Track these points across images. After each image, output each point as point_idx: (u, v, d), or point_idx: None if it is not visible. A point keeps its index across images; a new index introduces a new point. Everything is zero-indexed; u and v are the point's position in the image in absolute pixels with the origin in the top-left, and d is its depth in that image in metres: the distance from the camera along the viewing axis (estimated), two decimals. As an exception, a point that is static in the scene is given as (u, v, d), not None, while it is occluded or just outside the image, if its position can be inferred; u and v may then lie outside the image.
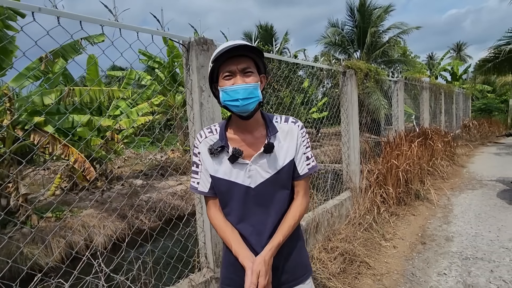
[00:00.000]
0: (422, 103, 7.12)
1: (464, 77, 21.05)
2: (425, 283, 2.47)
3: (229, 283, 1.12)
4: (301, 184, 1.11)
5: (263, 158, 1.03)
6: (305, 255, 1.17)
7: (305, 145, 1.11)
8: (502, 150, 9.20)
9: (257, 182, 1.04)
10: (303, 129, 1.11)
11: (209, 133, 1.08)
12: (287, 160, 1.06)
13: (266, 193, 1.05)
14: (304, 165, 1.10)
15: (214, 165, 1.05)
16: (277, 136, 1.06)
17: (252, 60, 1.00)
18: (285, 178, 1.06)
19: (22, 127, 4.41)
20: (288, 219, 1.06)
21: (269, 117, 1.10)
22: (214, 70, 0.99)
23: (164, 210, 5.28)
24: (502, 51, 7.96)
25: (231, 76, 0.97)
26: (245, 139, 1.05)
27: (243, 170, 1.03)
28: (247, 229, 1.05)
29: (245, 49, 0.94)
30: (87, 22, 1.48)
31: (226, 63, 0.97)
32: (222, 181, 1.04)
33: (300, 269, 1.13)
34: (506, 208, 4.07)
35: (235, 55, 0.96)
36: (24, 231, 4.43)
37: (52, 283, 1.49)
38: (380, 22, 14.58)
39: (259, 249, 1.04)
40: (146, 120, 6.61)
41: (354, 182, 3.79)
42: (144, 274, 1.85)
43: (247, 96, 0.96)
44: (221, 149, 1.03)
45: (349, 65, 3.80)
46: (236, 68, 0.96)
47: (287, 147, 1.07)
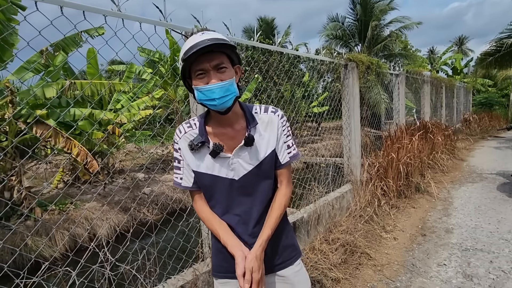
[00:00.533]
0: (423, 97, 7.11)
1: (466, 71, 20.96)
2: (425, 274, 2.50)
3: (220, 270, 1.14)
4: (283, 173, 1.12)
5: (244, 151, 1.03)
6: (292, 237, 1.20)
7: (286, 134, 1.11)
8: (503, 144, 9.21)
9: (240, 174, 1.04)
10: (283, 118, 1.10)
11: (188, 128, 1.06)
12: (269, 151, 1.06)
13: (250, 184, 1.05)
14: (285, 154, 1.11)
15: (196, 160, 1.04)
16: (257, 127, 1.05)
17: (224, 53, 0.95)
18: (267, 168, 1.07)
19: (24, 120, 4.41)
20: (274, 211, 1.07)
21: (249, 108, 1.08)
22: (185, 68, 0.96)
23: (167, 202, 5.32)
24: (504, 44, 7.91)
25: (204, 74, 0.93)
26: (225, 133, 1.04)
27: (226, 163, 1.03)
28: (233, 219, 1.07)
29: (214, 46, 0.89)
30: (90, 12, 1.48)
31: (197, 61, 0.92)
32: (205, 175, 1.04)
33: (288, 252, 1.15)
34: (505, 201, 4.10)
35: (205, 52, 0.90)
36: (28, 223, 4.48)
37: (59, 272, 1.52)
38: (382, 15, 14.45)
39: (246, 237, 1.07)
40: (147, 114, 6.61)
41: (355, 175, 3.82)
42: (149, 264, 1.88)
43: (223, 94, 0.93)
44: (201, 144, 1.01)
45: (350, 58, 3.79)
46: (209, 66, 0.92)
47: (268, 138, 1.06)
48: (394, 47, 15.43)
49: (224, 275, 1.13)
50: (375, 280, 2.43)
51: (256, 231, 1.07)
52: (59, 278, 1.53)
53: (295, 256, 1.17)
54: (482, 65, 9.57)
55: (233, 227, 1.08)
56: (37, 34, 1.40)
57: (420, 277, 2.46)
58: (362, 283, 2.39)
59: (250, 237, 1.07)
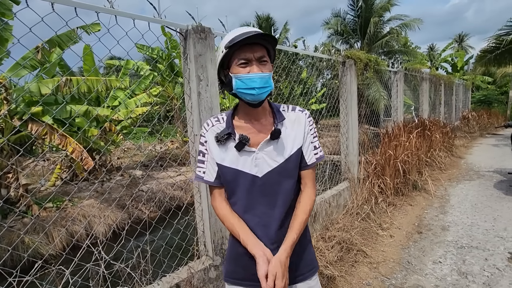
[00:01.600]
0: (422, 94, 7.10)
1: (466, 68, 20.90)
2: (420, 271, 2.51)
3: (234, 276, 1.10)
4: (308, 174, 1.08)
5: (270, 145, 1.02)
6: (311, 251, 1.15)
7: (313, 134, 1.10)
8: (501, 141, 9.22)
9: (264, 171, 1.01)
10: (310, 118, 1.10)
11: (215, 121, 1.07)
12: (295, 148, 1.04)
13: (272, 183, 1.02)
14: (311, 154, 1.08)
15: (221, 153, 1.03)
16: (284, 123, 1.05)
17: (265, 48, 0.98)
18: (292, 167, 1.04)
19: (20, 117, 4.39)
20: (299, 215, 1.03)
21: (276, 106, 1.09)
22: (226, 56, 0.97)
23: (163, 200, 5.32)
24: (503, 41, 7.89)
25: (247, 64, 0.95)
26: (252, 127, 1.03)
27: (250, 158, 1.01)
28: (253, 220, 1.03)
29: (262, 37, 0.93)
30: (82, 8, 1.46)
31: (241, 50, 0.94)
32: (229, 169, 1.02)
33: (307, 265, 1.11)
34: (502, 199, 4.11)
35: (251, 43, 0.93)
36: (25, 220, 4.47)
37: (52, 270, 1.51)
38: (383, 11, 14.35)
39: (266, 240, 1.01)
40: (144, 111, 6.58)
41: (352, 173, 3.82)
42: (144, 262, 1.87)
43: (263, 85, 0.95)
44: (227, 136, 1.01)
45: (348, 55, 3.76)
46: (253, 56, 0.94)
47: (294, 135, 1.05)
48: (394, 44, 15.36)
49: (238, 281, 1.09)
50: (370, 278, 2.44)
51: (277, 236, 1.02)
52: (52, 277, 1.52)
53: (313, 269, 1.12)
54: (481, 63, 9.55)
55: (252, 228, 1.02)
56: (27, 31, 1.38)
57: (415, 274, 2.47)
58: (358, 280, 2.40)
59: (270, 241, 1.01)
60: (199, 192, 2.04)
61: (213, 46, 1.97)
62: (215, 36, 1.99)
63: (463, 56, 20.53)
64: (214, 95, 1.98)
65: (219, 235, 2.05)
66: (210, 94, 1.95)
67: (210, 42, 1.94)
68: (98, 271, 1.69)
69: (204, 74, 1.91)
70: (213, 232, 2.02)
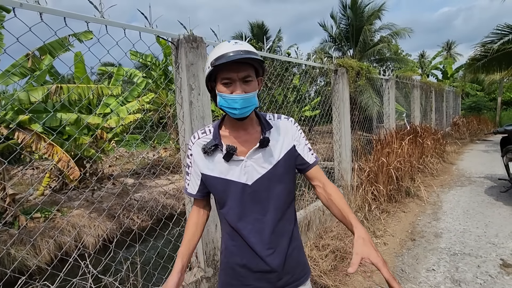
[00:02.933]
0: (413, 101, 7.21)
1: (459, 75, 21.34)
2: (414, 279, 2.50)
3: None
4: (317, 172, 1.10)
5: (258, 153, 1.02)
6: (304, 254, 1.16)
7: (304, 137, 1.12)
8: (490, 147, 9.39)
9: (254, 178, 1.02)
10: (296, 124, 1.12)
11: (202, 133, 1.08)
12: (283, 153, 1.05)
13: (263, 189, 1.02)
14: (309, 154, 1.11)
15: (209, 164, 1.03)
16: (271, 131, 1.06)
17: (252, 66, 0.97)
18: (281, 172, 1.04)
19: (7, 126, 4.30)
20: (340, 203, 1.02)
21: (263, 115, 1.10)
22: (211, 72, 0.96)
23: (155, 209, 5.23)
24: (490, 49, 8.08)
25: (230, 83, 0.94)
26: (239, 136, 1.04)
27: (239, 167, 1.01)
28: (246, 227, 1.03)
29: (246, 58, 0.91)
30: (72, 18, 1.44)
31: (226, 69, 0.93)
32: (218, 180, 1.03)
33: (300, 269, 1.11)
34: (493, 204, 4.16)
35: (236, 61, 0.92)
36: (12, 232, 4.34)
37: (37, 286, 1.46)
38: (373, 19, 14.66)
39: (260, 248, 1.02)
40: (135, 118, 6.52)
41: (345, 180, 3.82)
42: (133, 275, 1.82)
43: (246, 105, 0.95)
44: (214, 147, 1.02)
45: (340, 63, 3.81)
46: (236, 76, 0.94)
47: (282, 141, 1.06)
48: (385, 52, 15.65)
49: None
50: (364, 287, 2.42)
51: (272, 241, 1.03)
52: (36, 293, 1.47)
53: (305, 275, 1.13)
54: (470, 70, 9.77)
55: (245, 237, 1.03)
56: (15, 41, 1.36)
57: (409, 282, 2.46)
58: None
59: (264, 247, 1.02)
60: (190, 201, 2.01)
61: (205, 55, 1.97)
62: (207, 45, 2.00)
63: (451, 64, 21.01)
64: (206, 104, 1.97)
65: (211, 246, 2.01)
66: (202, 103, 1.94)
67: (202, 51, 1.94)
68: (85, 286, 1.63)
69: (196, 83, 1.90)
70: (205, 243, 1.98)
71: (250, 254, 1.03)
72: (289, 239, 1.07)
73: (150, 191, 5.94)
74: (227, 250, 1.09)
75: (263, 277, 1.04)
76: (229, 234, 1.08)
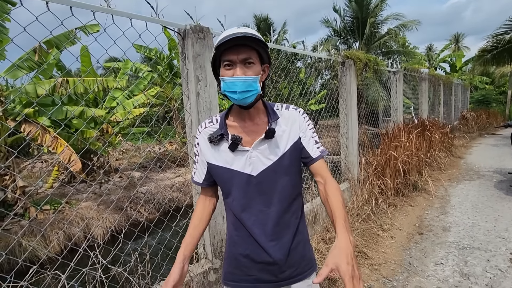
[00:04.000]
0: (421, 94, 7.09)
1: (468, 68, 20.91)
2: (422, 272, 2.49)
3: (231, 278, 1.10)
4: (321, 167, 1.04)
5: (264, 144, 1.01)
6: (310, 249, 1.14)
7: (311, 129, 1.08)
8: (500, 141, 9.22)
9: (259, 169, 1.00)
10: (304, 114, 1.08)
11: (209, 123, 1.07)
12: (289, 145, 1.03)
13: (268, 181, 1.01)
14: (314, 148, 1.06)
15: (215, 154, 1.03)
16: (278, 122, 1.04)
17: (254, 50, 0.95)
18: (287, 164, 1.02)
19: (14, 119, 4.34)
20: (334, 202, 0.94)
21: (271, 105, 1.08)
22: (216, 57, 0.97)
23: (162, 202, 5.28)
24: (502, 40, 7.88)
25: (231, 66, 0.94)
26: (245, 126, 1.03)
27: (244, 157, 1.00)
28: (250, 219, 1.02)
29: (246, 39, 0.90)
30: (78, 7, 1.43)
31: (227, 52, 0.93)
32: (223, 169, 1.02)
33: (305, 263, 1.10)
34: (502, 199, 4.09)
35: (237, 44, 0.91)
36: (22, 223, 4.42)
37: (48, 275, 1.48)
38: (379, 11, 14.37)
39: (264, 238, 1.01)
40: (141, 112, 6.54)
41: (352, 173, 3.79)
42: (142, 266, 1.84)
43: (245, 89, 0.93)
44: (220, 137, 1.01)
45: (348, 55, 3.75)
46: (237, 58, 0.93)
47: (288, 132, 1.04)
48: (392, 44, 15.36)
49: (235, 283, 1.09)
50: (372, 280, 2.41)
51: (275, 233, 1.02)
52: (47, 281, 1.49)
53: (311, 268, 1.11)
54: (480, 62, 9.55)
55: (249, 228, 1.03)
56: (22, 31, 1.35)
57: (417, 276, 2.45)
58: (359, 282, 2.37)
59: (267, 239, 1.01)
60: (198, 194, 2.01)
61: (211, 46, 1.94)
62: (213, 36, 1.97)
63: (461, 56, 20.57)
64: (213, 95, 1.95)
65: (218, 238, 2.02)
66: (209, 94, 1.92)
67: (208, 42, 1.91)
68: (95, 276, 1.66)
69: (203, 75, 1.89)
70: (212, 235, 1.99)
71: (253, 245, 1.03)
72: (294, 233, 1.06)
73: (157, 184, 5.99)
74: (231, 239, 1.09)
75: (265, 268, 1.04)
76: (234, 224, 1.08)
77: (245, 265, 1.05)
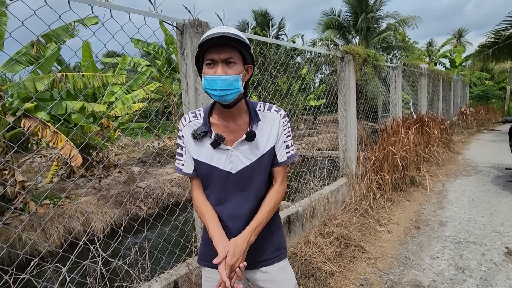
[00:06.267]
0: (420, 90, 7.09)
1: (468, 64, 20.83)
2: (418, 266, 2.52)
3: (205, 259, 1.18)
4: (279, 171, 1.14)
5: (244, 145, 1.06)
6: (279, 238, 1.20)
7: (286, 134, 1.14)
8: (498, 137, 9.26)
9: (238, 168, 1.07)
10: (285, 118, 1.13)
11: (193, 117, 1.11)
12: (268, 147, 1.09)
13: (245, 178, 1.08)
14: (283, 153, 1.13)
15: (197, 149, 1.08)
16: (259, 124, 1.09)
17: (237, 49, 0.98)
18: (264, 164, 1.09)
19: (13, 113, 4.33)
20: (264, 205, 1.10)
21: (253, 105, 1.11)
22: (199, 56, 1.00)
23: (161, 196, 5.31)
24: (501, 36, 7.86)
25: (213, 64, 0.97)
26: (227, 126, 1.07)
27: (225, 156, 1.06)
28: (224, 212, 1.09)
29: (229, 39, 0.93)
30: (76, 1, 1.42)
31: (209, 51, 0.96)
32: (204, 164, 1.07)
33: (271, 251, 1.17)
34: (499, 194, 4.13)
35: (219, 44, 0.94)
36: (22, 218, 4.45)
37: (49, 268, 1.50)
38: (378, 7, 14.27)
39: (236, 232, 1.08)
40: (141, 107, 6.53)
41: (350, 169, 3.81)
42: (142, 259, 1.86)
43: (226, 87, 0.96)
44: (204, 134, 1.05)
45: (347, 50, 3.74)
46: (218, 57, 0.95)
47: (268, 135, 1.09)
48: (392, 40, 15.29)
49: (207, 264, 1.17)
50: (368, 273, 2.45)
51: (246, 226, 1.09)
52: (48, 274, 1.51)
53: (278, 256, 1.18)
54: (480, 58, 9.52)
55: (223, 220, 1.10)
56: (20, 25, 1.35)
57: (413, 269, 2.48)
58: (356, 276, 2.41)
59: (239, 233, 1.08)
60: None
61: (210, 41, 1.94)
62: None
63: (461, 52, 20.49)
64: (212, 90, 1.95)
65: (217, 232, 2.04)
66: (208, 89, 1.92)
67: (207, 37, 1.91)
68: (96, 269, 1.68)
69: (201, 69, 1.88)
70: (211, 229, 2.01)
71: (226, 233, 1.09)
72: None
73: (156, 179, 6.01)
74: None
75: None
76: None
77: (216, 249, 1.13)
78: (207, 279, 1.18)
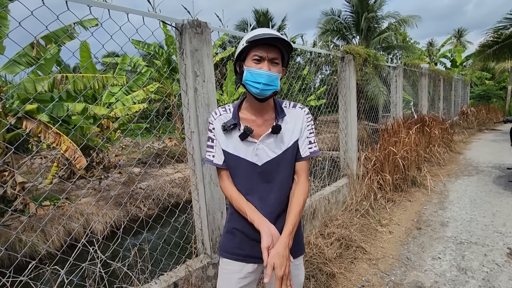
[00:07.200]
0: (421, 90, 7.07)
1: (468, 64, 20.78)
2: (420, 267, 2.50)
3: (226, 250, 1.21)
4: (302, 166, 1.18)
5: (270, 138, 1.13)
6: (299, 234, 1.23)
7: (309, 130, 1.20)
8: (499, 136, 9.23)
9: (263, 160, 1.13)
10: (308, 115, 1.20)
11: (223, 111, 1.18)
12: (292, 141, 1.15)
13: (270, 171, 1.14)
14: (306, 148, 1.19)
15: (226, 140, 1.14)
16: (284, 119, 1.16)
17: (281, 52, 1.08)
18: (289, 158, 1.15)
19: (14, 115, 4.33)
20: (294, 207, 1.12)
21: (279, 102, 1.20)
22: (245, 50, 1.06)
23: (161, 197, 5.29)
24: (502, 35, 7.83)
25: (260, 61, 1.05)
26: (255, 120, 1.14)
27: (251, 148, 1.12)
28: (252, 201, 1.14)
29: (279, 41, 1.02)
30: (74, 2, 1.41)
31: (258, 48, 1.04)
32: (232, 156, 1.14)
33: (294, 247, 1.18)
34: (501, 194, 4.11)
35: (268, 43, 1.03)
36: (22, 219, 4.44)
37: (47, 270, 1.49)
38: (379, 6, 14.25)
39: None
40: (141, 108, 6.52)
41: (351, 169, 3.80)
42: (141, 261, 1.85)
43: (269, 83, 1.04)
44: (233, 126, 1.12)
45: (347, 50, 3.72)
46: (267, 56, 1.04)
47: (292, 129, 1.16)
48: (392, 40, 15.26)
49: (228, 255, 1.20)
50: (369, 274, 2.43)
51: (272, 218, 1.13)
52: (46, 277, 1.50)
53: (297, 252, 1.22)
54: (480, 57, 9.48)
55: None
56: (17, 26, 1.34)
57: (414, 270, 2.47)
58: (357, 277, 2.39)
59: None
60: (196, 189, 2.02)
61: (209, 41, 1.93)
62: (211, 30, 1.95)
63: (461, 52, 20.45)
64: (211, 91, 1.94)
65: (217, 233, 2.03)
66: (207, 90, 1.91)
67: (206, 37, 1.90)
68: (95, 271, 1.66)
69: (201, 70, 1.87)
70: (211, 230, 1.99)
71: (251, 225, 1.12)
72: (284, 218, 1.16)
73: (156, 180, 6.00)
74: (233, 215, 1.20)
75: (257, 245, 1.12)
76: None
77: (239, 240, 1.18)
78: (225, 271, 1.21)
